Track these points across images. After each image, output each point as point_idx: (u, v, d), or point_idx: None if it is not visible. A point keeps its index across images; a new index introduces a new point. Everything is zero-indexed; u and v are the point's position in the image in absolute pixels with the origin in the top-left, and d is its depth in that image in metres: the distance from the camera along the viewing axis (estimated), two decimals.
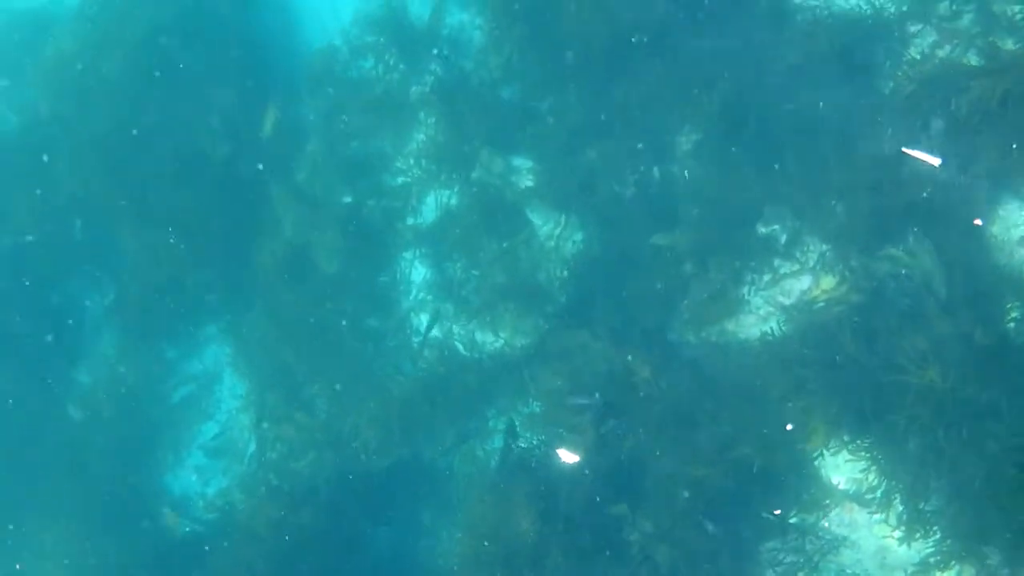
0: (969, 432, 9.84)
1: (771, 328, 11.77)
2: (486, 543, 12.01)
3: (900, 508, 10.64)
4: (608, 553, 11.47)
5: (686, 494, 11.23)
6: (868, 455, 10.78)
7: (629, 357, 12.17)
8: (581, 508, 11.65)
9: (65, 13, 17.24)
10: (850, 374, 10.68)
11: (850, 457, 11.01)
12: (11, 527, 15.63)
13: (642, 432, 11.80)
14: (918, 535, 10.48)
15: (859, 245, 11.21)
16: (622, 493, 11.61)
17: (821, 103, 11.91)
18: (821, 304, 11.48)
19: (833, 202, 11.56)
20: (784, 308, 11.90)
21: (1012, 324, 10.40)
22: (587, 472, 11.85)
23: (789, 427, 11.10)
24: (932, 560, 10.42)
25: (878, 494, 10.80)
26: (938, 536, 10.37)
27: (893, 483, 10.60)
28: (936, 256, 10.46)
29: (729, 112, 12.41)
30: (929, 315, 10.44)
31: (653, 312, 12.66)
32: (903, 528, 10.61)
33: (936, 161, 10.65)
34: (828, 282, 11.69)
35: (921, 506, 10.35)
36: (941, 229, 10.79)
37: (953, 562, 10.31)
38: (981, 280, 10.61)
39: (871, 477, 10.79)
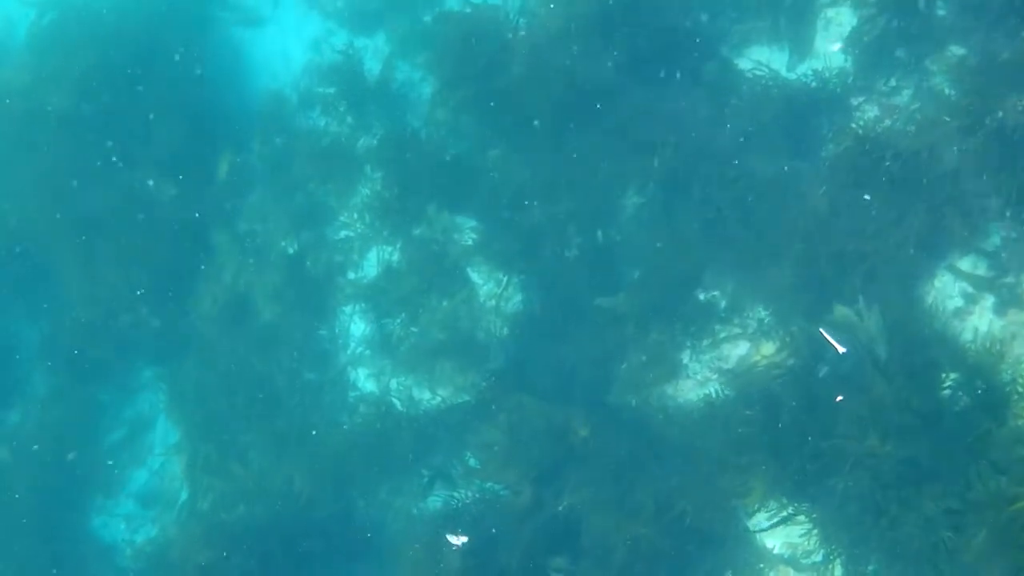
0: (908, 494, 9.91)
1: (711, 391, 11.80)
2: None
3: (838, 573, 10.63)
4: None
5: (623, 552, 11.17)
6: (807, 519, 10.79)
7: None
8: (517, 562, 11.57)
9: (13, 45, 17.05)
10: (790, 437, 10.70)
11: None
12: None
13: (580, 490, 11.77)
14: None
15: (801, 309, 11.32)
16: (559, 549, 11.54)
17: (763, 170, 12.11)
18: (760, 369, 11.54)
19: (772, 267, 11.67)
20: (723, 372, 11.96)
21: (947, 391, 10.54)
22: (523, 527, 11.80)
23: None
24: None
25: (815, 559, 10.81)
26: None
27: (832, 547, 10.60)
28: (882, 321, 10.57)
29: (673, 177, 12.56)
30: (868, 380, 10.53)
31: (593, 373, 12.67)
32: None
33: (842, 349, 10.84)
34: (768, 347, 11.77)
35: (860, 569, 10.36)
36: (879, 294, 10.94)
37: None
38: (918, 347, 10.75)
39: (810, 541, 10.77)
